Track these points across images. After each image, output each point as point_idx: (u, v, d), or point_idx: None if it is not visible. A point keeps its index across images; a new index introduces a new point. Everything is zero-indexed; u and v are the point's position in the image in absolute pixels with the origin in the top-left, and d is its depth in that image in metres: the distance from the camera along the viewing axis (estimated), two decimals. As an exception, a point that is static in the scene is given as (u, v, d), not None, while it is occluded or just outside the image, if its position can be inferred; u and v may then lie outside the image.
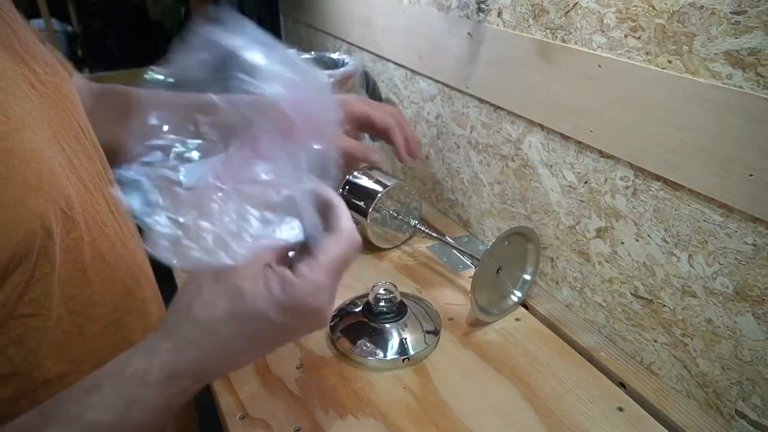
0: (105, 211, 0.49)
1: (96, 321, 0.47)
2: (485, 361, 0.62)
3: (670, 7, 0.50)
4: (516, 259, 0.70)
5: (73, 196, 0.44)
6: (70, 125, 0.48)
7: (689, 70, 0.50)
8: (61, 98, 0.48)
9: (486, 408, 0.56)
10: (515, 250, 0.70)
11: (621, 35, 0.55)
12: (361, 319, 0.65)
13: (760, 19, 0.43)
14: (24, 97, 0.43)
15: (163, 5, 2.12)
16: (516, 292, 0.71)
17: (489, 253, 0.64)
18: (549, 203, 0.70)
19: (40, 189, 0.40)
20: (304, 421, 0.55)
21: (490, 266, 0.67)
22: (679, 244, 0.54)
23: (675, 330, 0.57)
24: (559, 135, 0.66)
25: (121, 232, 0.51)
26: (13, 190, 0.38)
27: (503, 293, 0.71)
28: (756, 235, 0.47)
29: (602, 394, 0.58)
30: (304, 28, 1.43)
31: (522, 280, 0.71)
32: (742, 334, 0.50)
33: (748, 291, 0.49)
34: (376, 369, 0.61)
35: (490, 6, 0.72)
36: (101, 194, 0.49)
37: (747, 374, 0.51)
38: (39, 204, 0.39)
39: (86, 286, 0.46)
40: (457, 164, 0.88)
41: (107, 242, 0.49)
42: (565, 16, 0.61)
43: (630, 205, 0.59)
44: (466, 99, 0.82)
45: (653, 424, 0.54)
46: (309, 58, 1.01)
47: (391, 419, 0.55)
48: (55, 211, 0.41)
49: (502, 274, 0.69)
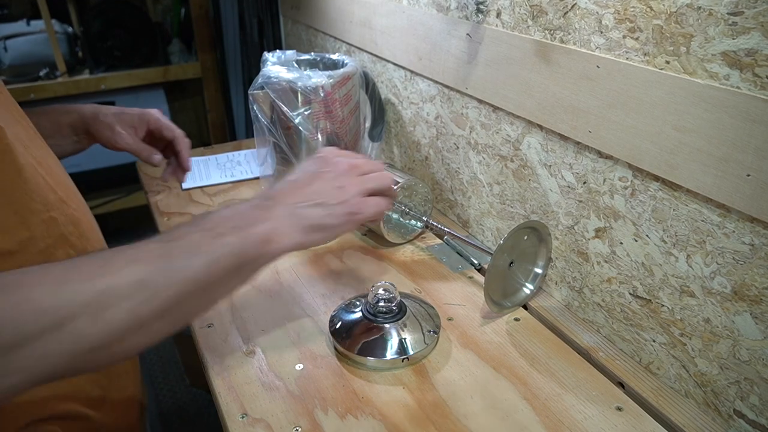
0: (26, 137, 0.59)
1: (32, 214, 0.54)
2: (484, 361, 0.62)
3: (668, 8, 0.50)
4: (528, 253, 0.71)
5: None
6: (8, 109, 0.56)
7: (687, 71, 0.50)
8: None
9: (485, 408, 0.56)
10: (527, 245, 0.70)
11: (619, 36, 0.55)
12: (360, 318, 0.65)
13: (757, 20, 0.43)
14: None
15: (163, 5, 2.12)
16: (528, 285, 0.72)
17: (501, 248, 0.65)
18: (548, 203, 0.70)
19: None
20: (304, 421, 0.55)
21: (502, 259, 0.68)
22: (678, 244, 0.55)
23: (673, 330, 0.57)
24: (558, 135, 0.66)
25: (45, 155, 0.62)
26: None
27: (516, 286, 0.72)
28: (753, 234, 0.47)
29: (601, 394, 0.58)
30: (303, 29, 1.44)
31: (534, 274, 0.72)
32: (740, 333, 0.51)
33: (746, 291, 0.49)
34: (375, 369, 0.61)
35: (489, 7, 0.72)
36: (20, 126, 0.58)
37: (745, 374, 0.51)
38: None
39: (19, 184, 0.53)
40: (456, 165, 0.88)
41: (33, 158, 0.57)
42: (563, 17, 0.62)
43: (628, 206, 0.59)
44: (466, 99, 0.82)
45: (652, 424, 0.55)
46: (309, 58, 1.01)
47: (391, 419, 0.55)
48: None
49: (514, 267, 0.70)
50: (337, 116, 0.91)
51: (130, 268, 0.42)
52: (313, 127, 0.90)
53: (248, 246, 0.49)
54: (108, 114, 0.80)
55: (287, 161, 0.94)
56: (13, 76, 1.79)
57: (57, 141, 0.78)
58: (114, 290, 0.41)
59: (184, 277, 0.44)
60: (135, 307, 0.41)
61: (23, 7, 1.96)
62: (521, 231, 0.68)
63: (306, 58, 1.00)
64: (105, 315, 0.40)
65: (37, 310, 0.38)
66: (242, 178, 1.08)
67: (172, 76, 1.98)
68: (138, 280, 0.42)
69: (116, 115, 0.81)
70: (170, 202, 1.00)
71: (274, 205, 0.53)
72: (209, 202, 1.00)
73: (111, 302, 0.41)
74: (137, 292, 0.42)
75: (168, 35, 2.08)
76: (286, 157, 0.93)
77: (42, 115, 0.77)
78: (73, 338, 0.39)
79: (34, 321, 0.38)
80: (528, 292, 0.72)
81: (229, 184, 1.07)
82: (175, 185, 1.06)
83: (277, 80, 0.87)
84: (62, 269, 0.42)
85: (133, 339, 0.43)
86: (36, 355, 0.38)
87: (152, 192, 1.04)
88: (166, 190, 1.04)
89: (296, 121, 0.89)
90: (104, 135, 0.80)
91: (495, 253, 0.65)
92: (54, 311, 0.39)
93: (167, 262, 0.44)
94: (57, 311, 0.39)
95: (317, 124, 0.90)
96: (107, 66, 1.90)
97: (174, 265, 0.44)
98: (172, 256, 0.45)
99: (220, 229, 0.48)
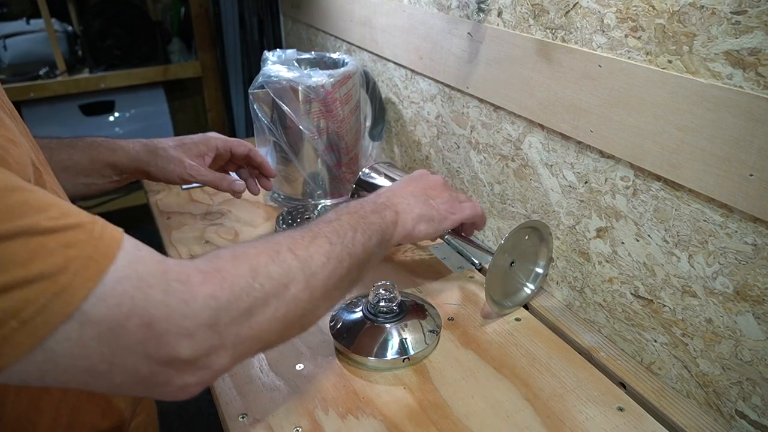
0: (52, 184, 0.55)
1: None
2: (485, 361, 0.62)
3: (671, 6, 0.50)
4: (528, 253, 0.71)
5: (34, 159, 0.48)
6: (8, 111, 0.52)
7: (689, 70, 0.50)
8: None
9: (486, 408, 0.56)
10: (527, 245, 0.70)
11: (621, 35, 0.55)
12: (361, 318, 0.65)
13: (760, 19, 0.43)
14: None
15: (163, 4, 2.12)
16: (529, 284, 0.72)
17: (502, 248, 0.65)
18: (549, 203, 0.70)
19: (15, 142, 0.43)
20: (304, 421, 0.55)
21: (503, 259, 0.68)
22: (680, 244, 0.54)
23: (675, 330, 0.57)
24: (559, 135, 0.66)
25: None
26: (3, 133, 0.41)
27: (517, 286, 0.71)
28: (756, 235, 0.47)
29: (602, 394, 0.58)
30: (304, 28, 1.43)
31: (534, 273, 0.72)
32: (742, 334, 0.50)
33: (748, 291, 0.49)
34: (376, 369, 0.61)
35: (490, 6, 0.72)
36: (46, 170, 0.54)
37: (747, 374, 0.51)
38: (20, 154, 0.43)
39: None
40: (457, 164, 0.88)
41: None
42: (565, 16, 0.61)
43: (630, 205, 0.59)
44: (466, 99, 0.82)
45: (653, 424, 0.54)
46: (309, 57, 1.01)
47: (391, 419, 0.55)
48: (28, 165, 0.45)
49: (515, 267, 0.70)
50: (338, 115, 0.90)
51: (316, 246, 0.48)
52: (313, 127, 0.90)
53: (386, 226, 0.57)
54: (168, 148, 0.75)
55: (287, 160, 0.94)
56: (13, 75, 1.79)
57: (93, 179, 0.74)
58: (313, 261, 0.46)
59: (352, 251, 0.51)
60: (327, 277, 0.47)
61: (23, 5, 1.95)
62: (522, 231, 0.68)
63: (306, 57, 1.00)
64: (311, 282, 0.45)
65: (267, 276, 0.42)
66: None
67: (172, 75, 1.97)
68: (325, 253, 0.48)
69: (179, 148, 0.76)
70: (170, 201, 1.00)
71: (392, 196, 0.62)
72: (209, 202, 0.99)
73: (314, 270, 0.46)
74: (327, 263, 0.47)
75: (168, 34, 2.08)
76: (286, 156, 0.93)
77: (78, 151, 0.73)
78: (289, 304, 0.44)
79: (263, 288, 0.42)
80: (529, 292, 0.71)
81: (229, 183, 1.06)
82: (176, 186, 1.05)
83: (278, 79, 0.87)
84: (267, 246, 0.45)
85: (323, 306, 0.49)
86: (264, 319, 0.42)
87: (152, 191, 1.04)
88: (166, 189, 1.04)
89: (296, 121, 0.89)
90: (172, 171, 0.74)
91: (496, 253, 0.65)
92: (279, 277, 0.43)
93: (341, 238, 0.50)
94: (280, 278, 0.43)
95: (317, 123, 0.90)
96: (107, 65, 1.89)
97: (345, 241, 0.50)
98: (339, 234, 0.50)
99: (362, 212, 0.56)
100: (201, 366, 0.39)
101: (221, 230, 0.90)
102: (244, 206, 0.97)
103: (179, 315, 0.37)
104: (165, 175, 0.75)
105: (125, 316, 0.35)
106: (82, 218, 0.36)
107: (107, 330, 0.34)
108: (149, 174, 0.76)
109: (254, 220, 0.93)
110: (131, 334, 0.35)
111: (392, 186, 0.65)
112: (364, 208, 0.57)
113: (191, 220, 0.93)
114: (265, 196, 0.99)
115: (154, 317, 0.36)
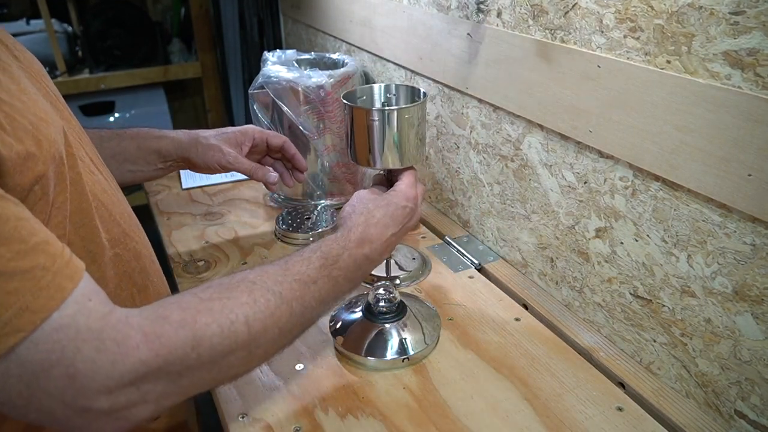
0: (90, 162, 0.55)
1: (101, 251, 0.52)
2: (485, 361, 0.62)
3: (669, 7, 0.50)
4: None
5: (69, 137, 0.49)
6: (47, 94, 0.52)
7: (688, 71, 0.50)
8: (35, 71, 0.52)
9: (485, 408, 0.56)
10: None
11: (620, 36, 0.55)
12: (361, 318, 0.65)
13: (758, 20, 0.43)
14: (10, 63, 0.46)
15: (163, 4, 2.12)
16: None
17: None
18: (548, 203, 0.70)
19: (47, 120, 0.44)
20: (304, 421, 0.55)
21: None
22: (678, 244, 0.54)
23: (674, 330, 0.57)
24: (559, 135, 0.66)
25: (107, 183, 0.57)
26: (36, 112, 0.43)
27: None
28: (755, 234, 0.47)
29: (601, 394, 0.58)
30: (304, 29, 1.43)
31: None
32: (741, 333, 0.51)
33: (747, 291, 0.49)
34: (375, 369, 0.61)
35: (490, 6, 0.72)
36: (83, 150, 0.54)
37: (746, 374, 0.51)
38: (51, 131, 0.44)
39: (89, 217, 0.51)
40: (456, 164, 0.88)
41: (99, 187, 0.54)
42: (564, 16, 0.61)
43: (629, 205, 0.59)
44: (466, 99, 0.82)
45: (652, 424, 0.54)
46: (309, 58, 1.01)
47: (391, 419, 0.55)
48: (60, 143, 0.46)
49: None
50: (338, 116, 0.91)
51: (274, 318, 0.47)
52: (313, 127, 0.90)
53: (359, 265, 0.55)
54: (209, 137, 0.77)
55: (287, 161, 0.94)
56: (13, 75, 1.79)
57: (140, 167, 0.76)
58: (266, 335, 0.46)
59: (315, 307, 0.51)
60: (274, 345, 0.48)
61: (23, 6, 1.95)
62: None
63: (306, 58, 1.00)
64: (255, 351, 0.46)
65: (209, 347, 0.42)
66: (242, 177, 1.08)
67: (172, 75, 1.98)
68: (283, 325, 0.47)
69: (218, 137, 0.78)
70: (170, 201, 1.00)
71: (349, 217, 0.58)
72: (209, 202, 1.00)
73: (261, 343, 0.46)
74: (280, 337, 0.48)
75: (168, 34, 2.08)
76: (286, 156, 0.93)
77: (125, 139, 0.76)
78: (222, 369, 0.44)
79: (199, 358, 0.41)
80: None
81: (229, 183, 1.06)
82: (176, 186, 1.06)
83: (278, 80, 0.87)
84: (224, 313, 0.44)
85: (262, 362, 0.49)
86: (192, 382, 0.42)
87: (152, 192, 1.04)
88: (166, 189, 1.04)
89: (296, 121, 0.89)
90: (211, 158, 0.76)
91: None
92: (221, 348, 0.43)
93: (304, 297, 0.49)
94: (222, 349, 0.43)
95: (317, 123, 0.90)
96: (107, 65, 1.89)
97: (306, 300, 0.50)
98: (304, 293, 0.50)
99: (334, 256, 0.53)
100: (119, 417, 0.39)
101: (221, 230, 0.90)
102: (244, 206, 0.97)
103: (103, 374, 0.37)
104: (205, 161, 0.76)
105: (51, 364, 0.36)
106: (38, 260, 0.36)
107: (30, 373, 0.36)
108: (191, 161, 0.77)
109: (254, 220, 0.93)
110: (52, 380, 0.36)
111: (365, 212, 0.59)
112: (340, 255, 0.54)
113: (191, 220, 0.93)
114: (265, 197, 0.99)
115: (78, 371, 0.36)
